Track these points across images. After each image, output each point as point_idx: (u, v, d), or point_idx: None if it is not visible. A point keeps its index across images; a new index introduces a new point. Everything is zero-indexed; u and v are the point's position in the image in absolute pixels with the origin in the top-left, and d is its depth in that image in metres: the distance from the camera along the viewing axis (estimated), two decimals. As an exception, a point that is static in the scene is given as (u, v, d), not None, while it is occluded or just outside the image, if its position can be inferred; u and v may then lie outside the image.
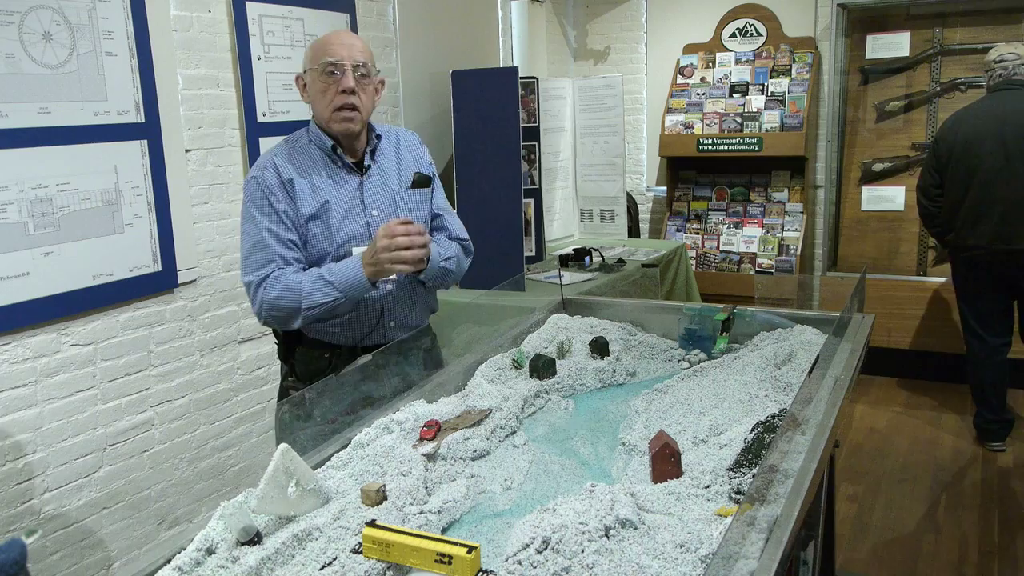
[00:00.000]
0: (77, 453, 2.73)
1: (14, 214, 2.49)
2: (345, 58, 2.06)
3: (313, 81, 2.10)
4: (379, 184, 2.21)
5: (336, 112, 2.08)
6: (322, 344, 2.19)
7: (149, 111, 2.86)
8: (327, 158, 2.15)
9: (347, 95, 2.06)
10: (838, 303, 3.08)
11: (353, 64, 2.07)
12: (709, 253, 5.42)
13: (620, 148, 4.93)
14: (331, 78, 2.06)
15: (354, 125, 2.10)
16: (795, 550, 1.71)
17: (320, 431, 1.80)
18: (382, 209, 2.19)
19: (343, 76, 2.06)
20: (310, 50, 2.12)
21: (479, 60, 4.67)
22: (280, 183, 2.08)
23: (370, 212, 2.17)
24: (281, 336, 2.24)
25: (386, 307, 2.20)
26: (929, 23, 5.08)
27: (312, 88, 2.12)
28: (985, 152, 3.73)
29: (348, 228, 2.14)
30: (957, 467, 3.87)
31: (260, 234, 2.07)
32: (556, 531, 1.26)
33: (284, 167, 2.10)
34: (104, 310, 2.78)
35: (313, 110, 2.15)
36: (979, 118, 3.80)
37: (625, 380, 2.19)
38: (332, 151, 2.14)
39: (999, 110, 3.76)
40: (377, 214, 2.17)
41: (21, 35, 2.48)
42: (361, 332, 2.19)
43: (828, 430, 1.61)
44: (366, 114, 2.13)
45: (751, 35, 5.50)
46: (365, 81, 2.10)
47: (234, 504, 1.43)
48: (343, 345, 2.18)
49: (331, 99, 2.07)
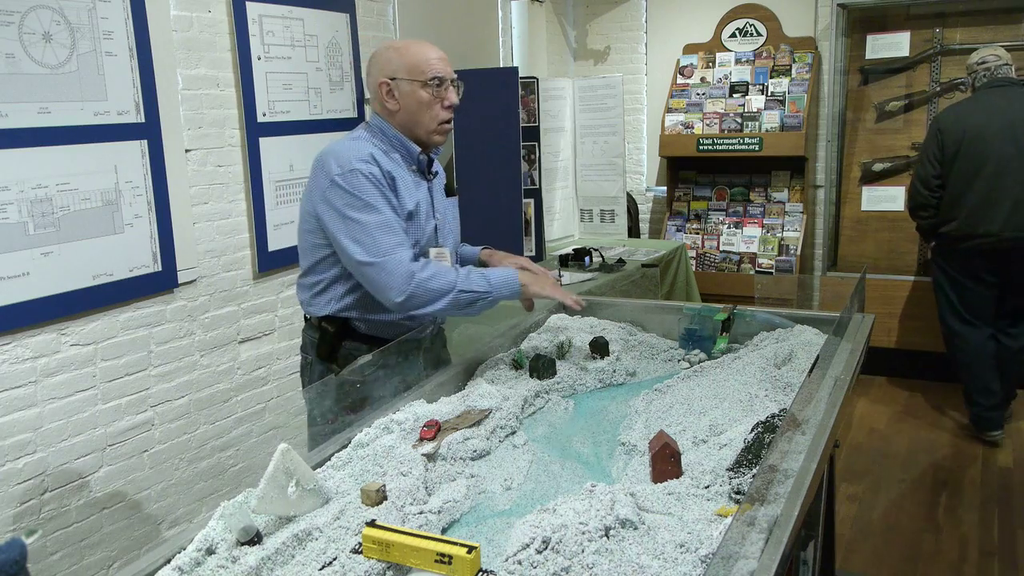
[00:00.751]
0: (77, 453, 2.73)
1: (14, 214, 2.49)
2: (448, 74, 2.16)
3: (413, 91, 2.13)
4: (437, 191, 2.31)
5: (441, 125, 2.18)
6: (371, 339, 2.22)
7: (149, 111, 2.86)
8: (409, 163, 2.21)
9: (451, 111, 2.17)
10: (838, 303, 3.08)
11: (452, 80, 2.17)
12: (709, 253, 5.42)
13: (620, 148, 4.93)
14: (439, 91, 2.14)
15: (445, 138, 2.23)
16: (795, 550, 1.71)
17: (320, 431, 1.80)
18: (441, 214, 2.29)
19: (448, 92, 2.16)
20: (405, 58, 2.13)
21: (479, 60, 4.67)
22: (384, 176, 2.11)
23: (436, 215, 2.26)
24: (331, 332, 2.22)
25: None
26: (929, 23, 5.08)
27: (411, 98, 2.14)
28: (996, 144, 3.86)
29: (428, 229, 2.22)
30: (957, 467, 3.87)
31: (385, 218, 2.07)
32: (556, 531, 1.26)
33: (384, 162, 2.12)
34: (104, 310, 2.78)
35: (404, 119, 2.16)
36: (985, 112, 3.92)
37: (625, 380, 2.19)
38: (418, 160, 2.21)
39: (1004, 104, 3.89)
40: (439, 217, 2.27)
41: (21, 35, 2.48)
42: (418, 329, 2.26)
43: (828, 430, 1.61)
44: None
45: (751, 35, 5.50)
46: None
47: (234, 504, 1.43)
48: (392, 339, 2.20)
49: (437, 112, 2.16)
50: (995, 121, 3.88)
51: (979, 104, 3.99)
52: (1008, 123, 3.85)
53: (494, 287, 2.09)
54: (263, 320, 3.39)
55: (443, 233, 2.29)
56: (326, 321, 2.23)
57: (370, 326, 2.22)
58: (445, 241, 2.30)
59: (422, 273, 2.05)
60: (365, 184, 2.07)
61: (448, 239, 2.32)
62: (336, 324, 2.22)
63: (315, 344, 2.27)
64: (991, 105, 3.93)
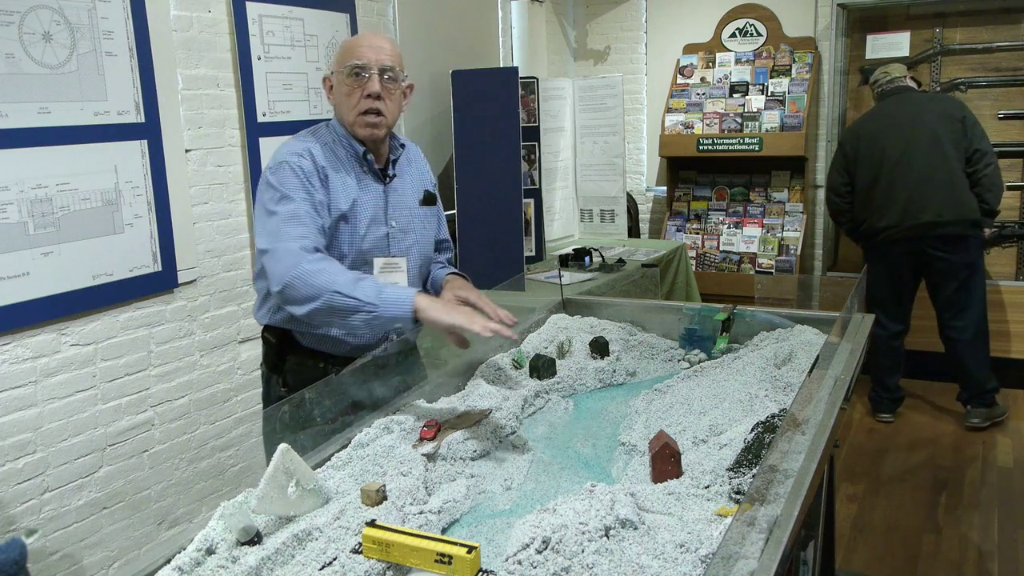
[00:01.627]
0: (77, 453, 2.73)
1: (14, 214, 2.49)
2: (372, 61, 2.00)
3: (339, 83, 2.04)
4: (400, 196, 2.15)
5: (360, 116, 2.02)
6: (317, 353, 2.12)
7: (149, 111, 2.86)
8: (357, 161, 2.09)
9: (372, 100, 2.00)
10: (838, 303, 3.07)
11: (380, 68, 2.00)
12: (709, 253, 5.42)
13: (620, 148, 4.93)
14: (357, 80, 2.01)
15: (379, 131, 2.05)
16: (795, 550, 1.71)
17: (320, 431, 1.80)
18: (400, 221, 2.14)
19: (369, 80, 2.00)
20: (339, 51, 2.06)
21: (479, 60, 4.67)
22: (316, 171, 1.99)
23: (390, 222, 2.12)
24: (274, 341, 2.14)
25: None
26: (929, 23, 5.08)
27: (338, 90, 2.06)
28: (888, 146, 4.15)
29: (372, 235, 2.08)
30: (957, 467, 3.87)
31: (295, 208, 1.93)
32: (556, 531, 1.26)
33: (320, 156, 2.02)
34: (104, 310, 2.78)
35: (337, 112, 2.10)
36: (879, 118, 4.24)
37: (625, 380, 2.19)
38: (363, 156, 2.08)
39: (895, 109, 4.20)
40: (396, 225, 2.13)
41: (21, 35, 2.48)
42: (367, 344, 2.12)
43: (828, 430, 1.61)
44: (391, 120, 2.07)
45: (751, 35, 5.50)
46: (392, 86, 2.04)
47: (234, 504, 1.43)
48: (340, 355, 2.11)
49: (356, 103, 2.01)
50: (887, 124, 4.16)
51: (874, 113, 4.30)
52: (897, 124, 4.13)
53: (382, 302, 1.79)
54: (263, 320, 3.38)
55: (401, 243, 2.14)
56: (268, 331, 2.15)
57: (310, 340, 2.10)
58: (404, 252, 2.14)
59: (309, 265, 1.85)
60: (289, 176, 1.96)
61: (412, 251, 2.16)
62: (276, 335, 2.12)
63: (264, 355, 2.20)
64: (884, 111, 4.24)
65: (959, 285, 4.10)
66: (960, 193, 4.02)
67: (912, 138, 4.08)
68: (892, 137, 4.12)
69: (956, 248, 4.06)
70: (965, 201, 4.02)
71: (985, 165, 4.03)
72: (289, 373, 2.14)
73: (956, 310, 4.14)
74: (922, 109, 4.13)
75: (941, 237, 4.04)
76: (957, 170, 4.03)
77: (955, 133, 4.03)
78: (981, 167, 4.02)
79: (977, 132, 4.05)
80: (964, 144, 4.03)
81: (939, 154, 4.03)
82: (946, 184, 4.02)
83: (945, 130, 4.04)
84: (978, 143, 4.04)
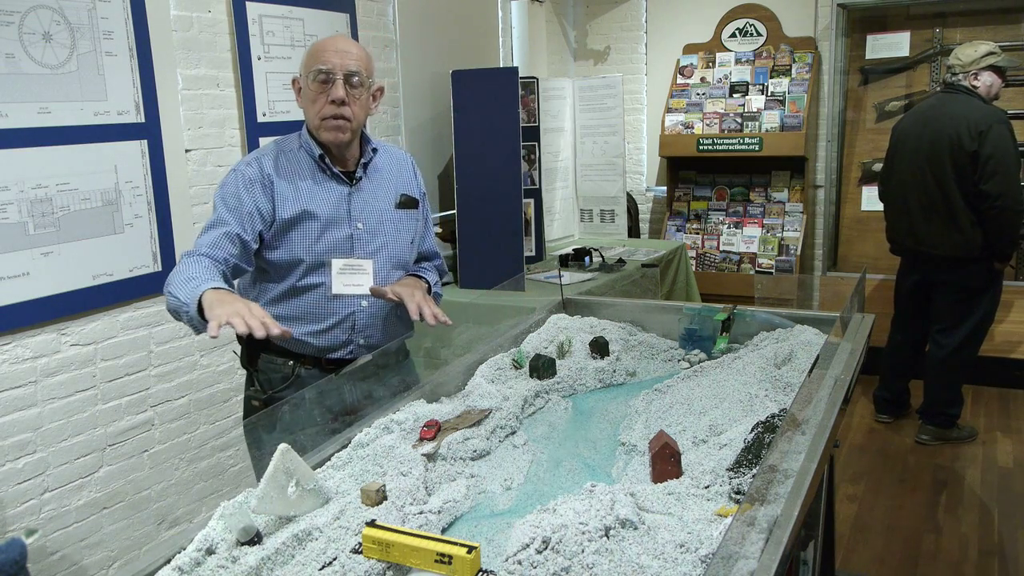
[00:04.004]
0: (77, 453, 2.73)
1: (14, 214, 2.49)
2: (337, 66, 2.00)
3: (305, 86, 2.05)
4: (368, 197, 2.15)
5: (324, 121, 2.03)
6: (287, 352, 2.13)
7: (149, 111, 2.86)
8: (315, 165, 2.10)
9: (336, 105, 2.01)
10: (838, 303, 3.08)
11: (345, 73, 2.01)
12: (709, 253, 5.42)
13: (620, 148, 4.93)
14: (321, 86, 2.01)
15: (343, 135, 2.05)
16: (795, 550, 1.71)
17: (320, 431, 1.80)
18: (368, 223, 2.14)
19: (333, 85, 2.00)
20: (306, 54, 2.07)
21: (479, 60, 4.67)
22: (260, 180, 2.03)
23: (355, 224, 2.12)
24: (245, 342, 2.17)
25: (358, 324, 2.14)
26: (929, 23, 5.08)
27: (304, 94, 2.07)
28: (906, 153, 3.96)
29: (331, 237, 2.09)
30: (957, 467, 3.87)
31: (217, 216, 2.01)
32: (556, 531, 1.26)
33: (268, 166, 2.06)
34: (104, 310, 2.78)
35: (305, 116, 2.11)
36: (914, 118, 4.00)
37: (625, 380, 2.19)
38: (320, 160, 2.09)
39: (931, 113, 3.91)
40: (363, 227, 2.13)
41: (21, 35, 2.48)
42: (329, 345, 2.14)
43: (828, 430, 1.61)
44: (357, 124, 2.08)
45: (751, 35, 5.50)
46: (358, 91, 2.05)
47: (234, 504, 1.43)
48: (308, 355, 2.13)
49: (320, 108, 2.02)
50: (913, 131, 3.93)
51: (921, 108, 4.03)
52: (920, 136, 3.88)
53: (186, 300, 1.79)
54: (263, 320, 3.38)
55: (368, 245, 2.13)
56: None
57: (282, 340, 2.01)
58: (371, 255, 2.13)
59: (179, 266, 1.91)
60: (231, 183, 2.04)
61: (380, 253, 2.15)
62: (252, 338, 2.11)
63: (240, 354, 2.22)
64: (926, 112, 3.95)
65: (953, 304, 3.96)
66: (962, 230, 3.80)
67: (932, 156, 3.83)
68: (911, 147, 3.93)
69: (956, 272, 3.90)
70: (967, 239, 3.80)
71: (989, 208, 3.71)
72: (260, 372, 2.17)
73: (943, 326, 4.02)
74: (946, 124, 3.80)
75: (941, 261, 3.91)
76: (960, 205, 3.77)
77: (964, 168, 3.74)
78: (985, 209, 3.73)
79: (988, 169, 3.68)
80: (972, 179, 3.73)
81: (945, 186, 3.80)
82: (947, 220, 3.83)
83: (956, 159, 3.75)
84: (987, 182, 3.69)
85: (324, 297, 2.09)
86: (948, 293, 3.97)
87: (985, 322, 4.01)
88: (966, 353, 4.02)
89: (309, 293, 2.09)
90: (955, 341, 3.98)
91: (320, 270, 2.08)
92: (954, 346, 3.99)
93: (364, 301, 2.12)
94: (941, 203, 3.84)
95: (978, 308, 3.95)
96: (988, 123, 3.71)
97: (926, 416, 4.15)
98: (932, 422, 4.13)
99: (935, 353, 4.07)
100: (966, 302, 3.94)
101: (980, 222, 3.78)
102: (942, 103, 3.91)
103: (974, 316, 3.95)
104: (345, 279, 2.09)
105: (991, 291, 3.95)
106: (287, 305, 2.10)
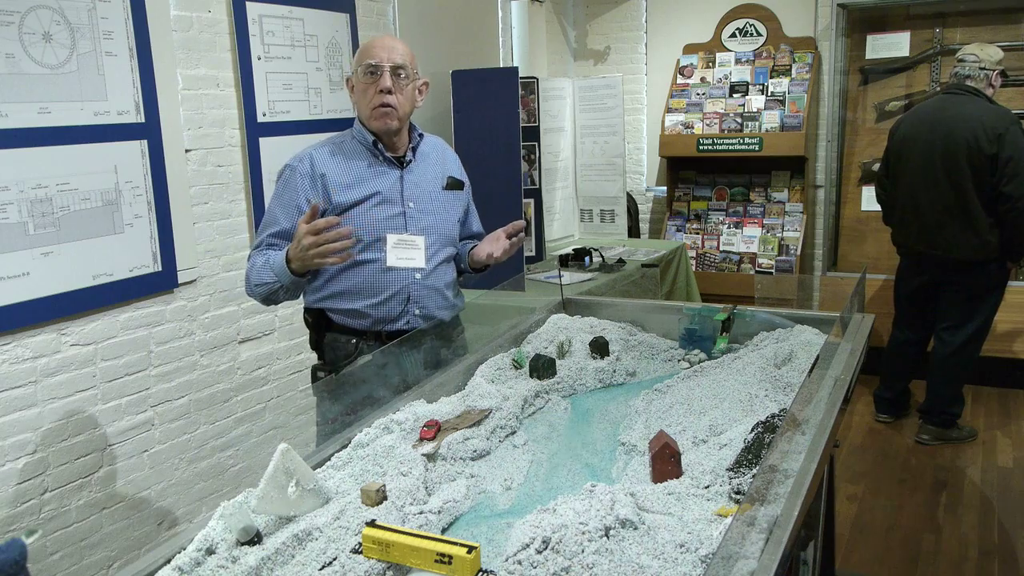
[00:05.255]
0: (77, 453, 2.73)
1: (14, 214, 2.49)
2: (384, 60, 2.19)
3: (357, 81, 2.25)
4: (418, 179, 2.34)
5: (375, 110, 2.21)
6: (348, 330, 2.29)
7: (149, 111, 2.86)
8: (369, 153, 2.28)
9: (384, 94, 2.20)
10: (838, 303, 3.08)
11: (392, 66, 2.20)
12: (709, 253, 5.42)
13: (620, 148, 4.93)
14: (371, 78, 2.21)
15: (391, 122, 2.23)
16: (795, 550, 1.71)
17: (319, 431, 1.80)
18: (418, 202, 2.31)
19: (381, 76, 2.19)
20: (356, 54, 2.27)
21: (479, 60, 4.67)
22: (311, 175, 2.22)
23: (407, 203, 2.29)
24: (312, 324, 2.35)
25: (412, 295, 2.29)
26: (929, 23, 5.07)
27: (357, 89, 2.27)
28: (915, 155, 3.91)
29: (385, 214, 2.26)
30: (957, 467, 3.87)
31: (271, 216, 2.25)
32: (556, 531, 1.26)
33: (321, 161, 2.24)
34: (104, 310, 2.78)
35: (357, 109, 2.30)
36: (922, 120, 3.94)
37: (625, 380, 2.19)
38: (373, 146, 2.27)
39: (939, 115, 3.87)
40: (413, 206, 2.30)
41: (21, 35, 2.48)
42: (387, 318, 2.28)
43: (828, 430, 1.61)
44: (403, 113, 2.25)
45: (751, 35, 5.50)
46: (404, 82, 2.23)
47: (234, 504, 1.43)
48: (368, 331, 2.29)
49: (371, 98, 2.21)
50: (921, 133, 3.89)
51: (925, 109, 4.00)
52: (929, 138, 3.84)
53: (277, 274, 2.13)
54: (263, 320, 3.38)
55: (419, 223, 2.30)
56: (308, 312, 2.35)
57: (339, 316, 2.29)
58: (422, 231, 2.30)
59: (249, 266, 2.21)
60: (282, 180, 2.26)
61: (430, 230, 2.32)
62: (314, 315, 2.33)
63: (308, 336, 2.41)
64: (932, 114, 3.91)
65: (962, 303, 3.96)
66: (979, 233, 3.78)
67: (945, 156, 3.79)
68: (921, 149, 3.87)
69: (969, 274, 3.89)
70: (984, 241, 3.78)
71: (1010, 209, 3.70)
72: (326, 350, 2.34)
73: (950, 324, 4.02)
74: (960, 127, 3.75)
75: (954, 263, 3.88)
76: (977, 208, 3.76)
77: (982, 170, 3.71)
78: (1004, 211, 3.72)
79: (1008, 171, 3.66)
80: (990, 181, 3.71)
81: (962, 189, 3.77)
82: (963, 222, 3.79)
83: (973, 161, 3.72)
84: (1007, 184, 3.68)
85: (379, 270, 2.25)
86: (958, 293, 3.97)
87: (990, 319, 4.03)
88: (971, 349, 4.04)
89: (365, 267, 2.25)
90: (961, 339, 4.00)
91: (375, 245, 2.25)
92: (959, 345, 4.01)
93: (417, 274, 2.29)
94: (956, 206, 3.80)
95: (985, 306, 3.97)
96: (1005, 125, 3.70)
97: (927, 415, 4.15)
98: (932, 422, 4.13)
99: (940, 350, 4.06)
100: (974, 301, 3.95)
101: (998, 224, 3.78)
102: (948, 104, 3.87)
103: (981, 314, 3.97)
104: (399, 252, 2.26)
105: (999, 290, 3.98)
106: (345, 279, 2.25)
